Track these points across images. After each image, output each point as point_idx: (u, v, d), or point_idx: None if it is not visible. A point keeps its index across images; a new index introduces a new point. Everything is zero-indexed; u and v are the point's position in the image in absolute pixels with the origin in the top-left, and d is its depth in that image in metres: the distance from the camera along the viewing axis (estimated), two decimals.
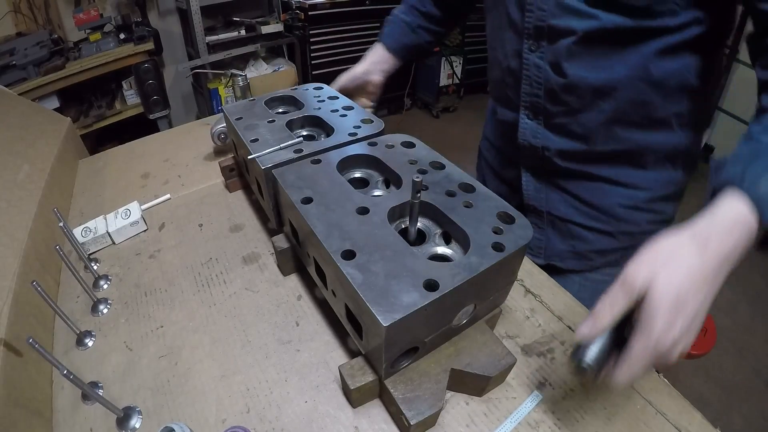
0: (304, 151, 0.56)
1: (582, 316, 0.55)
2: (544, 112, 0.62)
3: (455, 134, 3.19)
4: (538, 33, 0.56)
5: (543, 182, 0.70)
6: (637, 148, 0.60)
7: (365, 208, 0.46)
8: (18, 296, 0.50)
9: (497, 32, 0.65)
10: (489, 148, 0.85)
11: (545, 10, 0.54)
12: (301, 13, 2.55)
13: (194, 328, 0.54)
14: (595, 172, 0.64)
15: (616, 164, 0.63)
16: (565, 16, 0.52)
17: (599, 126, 0.59)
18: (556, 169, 0.66)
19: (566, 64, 0.55)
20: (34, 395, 0.45)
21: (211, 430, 0.44)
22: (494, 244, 0.41)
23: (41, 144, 0.81)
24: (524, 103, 0.63)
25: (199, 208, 0.75)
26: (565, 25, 0.53)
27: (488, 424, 0.44)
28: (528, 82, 0.61)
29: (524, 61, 0.60)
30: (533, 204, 0.72)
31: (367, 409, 0.45)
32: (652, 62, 0.52)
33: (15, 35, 2.04)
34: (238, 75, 0.87)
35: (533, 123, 0.64)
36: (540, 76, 0.59)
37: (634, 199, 0.64)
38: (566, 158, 0.64)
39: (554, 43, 0.55)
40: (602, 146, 0.61)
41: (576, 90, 0.57)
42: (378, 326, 0.35)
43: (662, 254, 0.35)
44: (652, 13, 0.48)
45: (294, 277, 0.61)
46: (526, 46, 0.59)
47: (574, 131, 0.61)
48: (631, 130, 0.58)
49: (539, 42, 0.57)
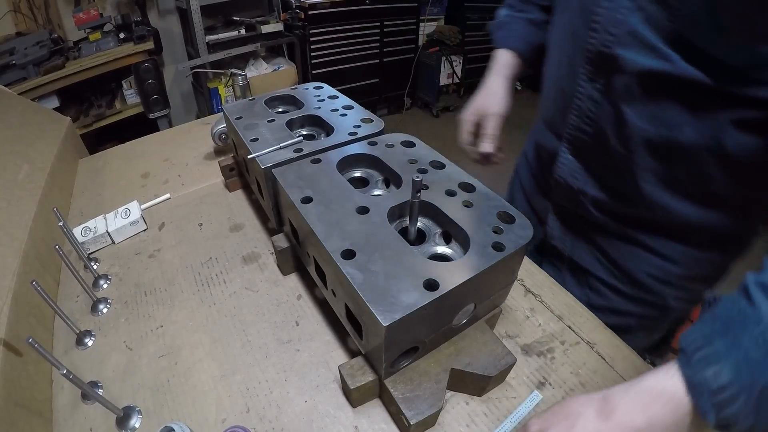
0: (304, 150, 0.56)
1: (582, 316, 0.55)
2: (589, 153, 0.54)
3: (455, 134, 3.18)
4: (601, 61, 0.47)
5: (570, 227, 0.63)
6: (684, 222, 0.51)
7: (365, 207, 0.46)
8: (18, 296, 0.50)
9: (558, 42, 0.56)
10: (525, 166, 0.76)
11: (614, 34, 0.45)
12: (301, 13, 2.55)
13: (194, 327, 0.54)
14: (631, 233, 0.57)
15: (656, 232, 0.55)
16: (635, 49, 0.43)
17: (645, 187, 0.50)
18: (588, 218, 0.59)
19: (626, 108, 0.47)
20: (34, 395, 0.45)
21: (211, 429, 0.44)
22: (494, 243, 0.41)
23: (41, 144, 0.81)
24: (568, 135, 0.56)
25: (199, 207, 0.75)
26: (632, 59, 0.44)
27: (488, 424, 0.43)
28: (577, 113, 0.53)
29: (578, 88, 0.51)
30: (556, 245, 0.66)
31: (367, 409, 0.45)
32: (728, 133, 0.42)
33: (15, 35, 2.04)
34: (238, 74, 0.87)
35: (574, 161, 0.56)
36: (593, 111, 0.51)
37: (666, 272, 0.56)
38: (603, 210, 0.57)
39: (616, 78, 0.46)
40: (645, 210, 0.53)
41: (631, 141, 0.48)
42: (378, 326, 0.35)
43: (563, 414, 0.34)
44: (743, 78, 0.39)
45: (294, 276, 0.61)
46: (583, 72, 0.50)
47: (618, 185, 0.53)
48: (682, 201, 0.50)
49: (600, 71, 0.48)
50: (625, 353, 0.51)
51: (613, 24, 0.44)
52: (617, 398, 0.32)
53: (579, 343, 0.52)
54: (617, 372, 0.49)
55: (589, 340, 0.52)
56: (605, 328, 0.54)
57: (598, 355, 0.50)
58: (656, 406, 0.30)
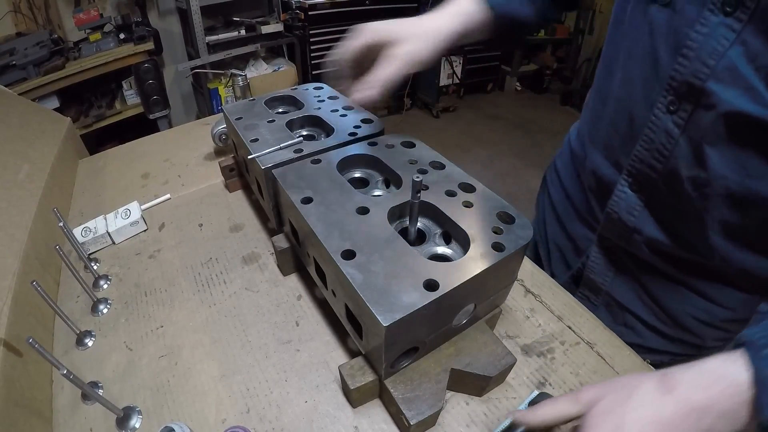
0: (304, 151, 0.56)
1: (582, 316, 0.55)
2: (653, 191, 0.49)
3: (455, 134, 3.19)
4: (687, 92, 0.41)
5: (614, 263, 0.58)
6: (741, 270, 0.48)
7: (365, 208, 0.46)
8: (18, 296, 0.50)
9: (628, 59, 0.49)
10: (559, 187, 0.68)
11: (709, 66, 0.39)
12: (301, 13, 2.56)
13: (194, 328, 0.54)
14: (682, 276, 0.53)
15: (709, 277, 0.51)
16: (731, 87, 0.38)
17: (712, 236, 0.46)
18: (638, 257, 0.55)
19: (709, 149, 0.41)
20: (34, 395, 0.45)
21: (211, 430, 0.44)
22: (494, 244, 0.41)
23: (41, 144, 0.81)
24: (631, 168, 0.50)
25: (199, 208, 0.75)
26: (727, 99, 0.38)
27: (488, 424, 0.44)
28: (647, 146, 0.47)
29: (653, 118, 0.45)
30: (594, 279, 0.61)
31: (367, 409, 0.45)
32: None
33: (15, 35, 2.04)
34: (238, 75, 0.87)
35: (634, 196, 0.51)
36: (667, 148, 0.45)
37: (712, 316, 0.53)
38: (656, 251, 0.53)
39: (702, 115, 0.41)
40: (704, 257, 0.49)
41: (707, 187, 0.43)
42: (378, 326, 0.35)
43: (620, 383, 0.34)
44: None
45: (294, 277, 0.61)
46: (662, 101, 0.44)
47: (680, 230, 0.49)
48: (744, 251, 0.47)
49: (682, 104, 0.42)
50: (625, 353, 0.51)
51: (710, 55, 0.38)
52: (678, 376, 0.32)
53: (579, 343, 0.52)
54: (617, 372, 0.49)
55: (589, 340, 0.52)
56: (605, 328, 0.54)
57: (598, 355, 0.50)
58: (716, 389, 0.30)
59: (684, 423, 0.30)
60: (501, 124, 3.29)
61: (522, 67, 3.80)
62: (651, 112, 0.46)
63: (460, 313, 0.42)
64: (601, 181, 0.56)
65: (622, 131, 0.51)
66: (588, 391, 0.34)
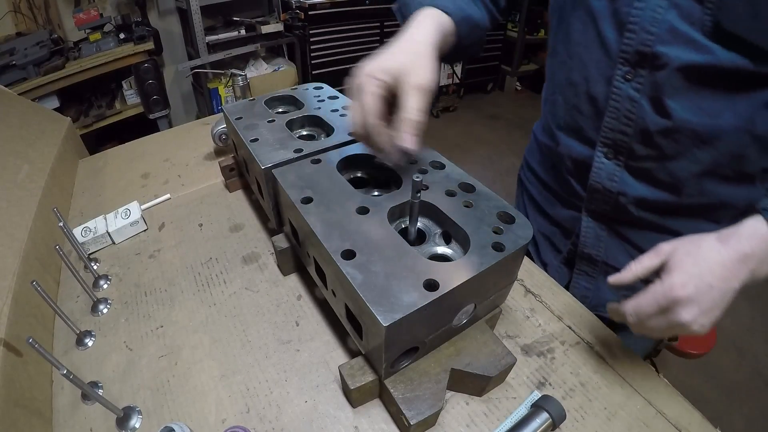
0: (304, 150, 0.56)
1: (582, 316, 0.55)
2: (629, 153, 0.54)
3: (455, 134, 3.19)
4: (639, 60, 0.48)
5: (605, 230, 0.62)
6: (719, 203, 0.54)
7: (365, 208, 0.46)
8: (18, 296, 0.50)
9: (576, 49, 0.55)
10: (534, 181, 0.74)
11: (653, 33, 0.46)
12: (301, 13, 2.55)
13: (194, 328, 0.54)
14: (666, 223, 0.57)
15: (692, 218, 0.57)
16: (676, 45, 0.45)
17: (689, 177, 0.52)
18: (626, 218, 0.59)
19: (670, 103, 0.48)
20: (34, 395, 0.45)
21: (211, 430, 0.44)
22: (494, 244, 0.41)
23: (41, 144, 0.81)
24: (605, 139, 0.55)
25: (199, 208, 0.75)
26: (676, 55, 0.45)
27: (488, 424, 0.44)
28: (615, 115, 0.52)
29: (614, 90, 0.51)
30: (589, 252, 0.64)
31: (367, 409, 0.45)
32: (760, 113, 0.46)
33: (15, 35, 2.04)
34: (238, 75, 0.87)
35: (611, 164, 0.56)
36: (632, 111, 0.51)
37: None
38: (644, 208, 0.57)
39: (657, 75, 0.47)
40: (687, 199, 0.54)
41: (675, 134, 0.49)
42: (378, 326, 0.35)
43: (688, 240, 0.42)
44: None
45: (294, 277, 0.61)
46: (619, 73, 0.50)
47: (660, 180, 0.54)
48: (719, 184, 0.52)
49: (637, 70, 0.49)
50: (625, 353, 0.51)
51: (652, 23, 0.46)
52: (726, 233, 0.40)
53: (579, 343, 0.52)
54: (617, 372, 0.49)
55: (589, 340, 0.52)
56: (605, 327, 0.54)
57: (598, 355, 0.50)
58: (755, 240, 0.39)
59: (737, 264, 0.39)
60: (501, 124, 3.29)
61: (522, 67, 3.80)
62: (611, 86, 0.51)
63: (460, 313, 0.42)
64: (578, 161, 0.60)
65: (588, 112, 0.56)
66: (664, 246, 0.42)
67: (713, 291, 0.38)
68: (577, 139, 0.59)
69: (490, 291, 0.44)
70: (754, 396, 1.49)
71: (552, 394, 0.46)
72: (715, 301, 0.39)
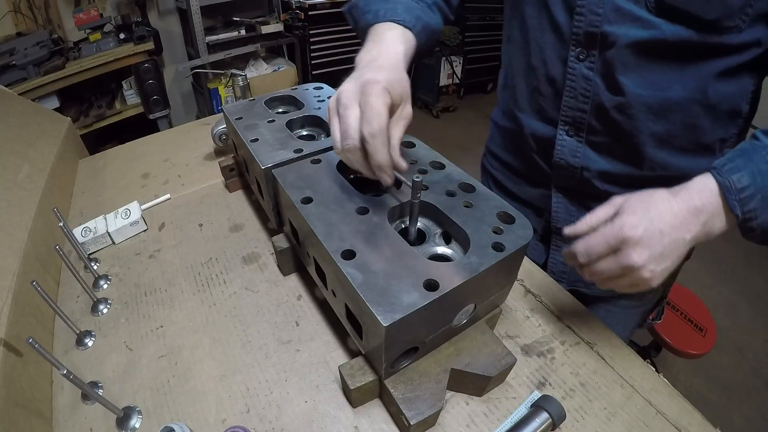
0: (304, 150, 0.56)
1: (582, 316, 0.55)
2: (588, 129, 0.57)
3: (455, 134, 3.19)
4: (589, 40, 0.51)
5: (575, 204, 0.64)
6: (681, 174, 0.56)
7: (365, 208, 0.46)
8: (18, 296, 0.50)
9: (532, 34, 0.58)
10: (498, 166, 0.76)
11: (600, 14, 0.48)
12: (301, 13, 2.56)
13: (194, 328, 0.54)
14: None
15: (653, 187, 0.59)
16: (622, 24, 0.47)
17: (647, 149, 0.55)
18: (592, 192, 0.61)
19: (622, 79, 0.50)
20: (34, 395, 0.45)
21: (211, 430, 0.44)
22: (494, 244, 0.41)
23: (41, 144, 0.81)
24: (565, 117, 0.58)
25: (199, 208, 0.75)
26: (623, 33, 0.47)
27: (488, 424, 0.44)
28: (572, 94, 0.55)
29: (569, 70, 0.54)
30: (562, 227, 0.65)
31: (367, 409, 0.45)
32: (710, 84, 0.48)
33: (15, 35, 2.04)
34: (238, 75, 0.87)
35: (573, 140, 0.59)
36: (588, 89, 0.53)
37: None
38: (607, 181, 0.59)
39: (607, 53, 0.50)
40: (649, 172, 0.57)
41: (629, 108, 0.52)
42: (378, 326, 0.35)
43: (640, 192, 0.43)
44: (718, 28, 0.44)
45: (294, 277, 0.61)
46: (572, 54, 0.53)
47: (619, 153, 0.57)
48: (677, 155, 0.55)
49: (589, 50, 0.51)
50: (625, 353, 0.51)
51: (598, 4, 0.48)
52: (677, 188, 0.42)
53: (579, 343, 0.52)
54: (617, 372, 0.49)
55: (589, 340, 0.52)
56: (605, 327, 0.54)
57: (598, 355, 0.50)
58: (704, 194, 0.40)
59: (688, 216, 0.40)
60: None
61: None
62: (566, 67, 0.54)
63: (460, 313, 0.42)
64: (542, 139, 0.63)
65: (548, 93, 0.59)
66: (617, 198, 0.43)
67: (664, 237, 0.39)
68: (540, 119, 0.62)
69: (490, 291, 0.44)
70: (753, 396, 1.49)
71: (552, 394, 0.46)
72: (666, 249, 0.39)
